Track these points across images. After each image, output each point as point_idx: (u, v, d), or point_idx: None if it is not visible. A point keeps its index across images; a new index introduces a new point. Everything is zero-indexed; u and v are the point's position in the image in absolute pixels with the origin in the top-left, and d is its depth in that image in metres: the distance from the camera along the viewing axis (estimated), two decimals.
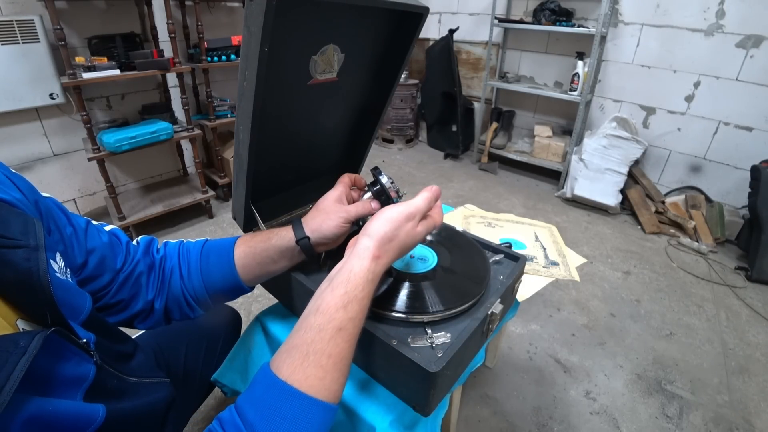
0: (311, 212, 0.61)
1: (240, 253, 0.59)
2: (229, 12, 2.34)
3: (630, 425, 1.14)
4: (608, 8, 2.24)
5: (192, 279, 0.58)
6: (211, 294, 0.59)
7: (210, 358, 0.79)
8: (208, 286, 0.59)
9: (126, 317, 0.55)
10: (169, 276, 0.58)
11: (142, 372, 0.49)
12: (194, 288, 0.58)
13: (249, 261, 0.59)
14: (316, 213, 0.60)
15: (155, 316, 0.58)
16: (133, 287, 0.55)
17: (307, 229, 0.59)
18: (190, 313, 0.60)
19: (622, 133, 2.28)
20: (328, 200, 0.61)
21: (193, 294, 0.59)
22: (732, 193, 2.21)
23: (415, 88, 3.18)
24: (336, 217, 0.58)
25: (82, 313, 0.42)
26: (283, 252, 0.59)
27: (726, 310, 1.62)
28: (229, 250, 0.59)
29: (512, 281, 0.69)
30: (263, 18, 0.43)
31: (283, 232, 0.59)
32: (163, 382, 0.53)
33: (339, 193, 0.62)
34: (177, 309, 0.59)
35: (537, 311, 1.55)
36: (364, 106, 0.79)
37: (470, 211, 1.27)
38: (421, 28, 0.66)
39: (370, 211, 0.61)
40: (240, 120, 0.55)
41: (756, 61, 1.98)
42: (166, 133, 1.83)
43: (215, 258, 0.59)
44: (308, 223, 0.60)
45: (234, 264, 0.58)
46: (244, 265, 0.59)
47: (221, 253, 0.59)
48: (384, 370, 0.59)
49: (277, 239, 0.59)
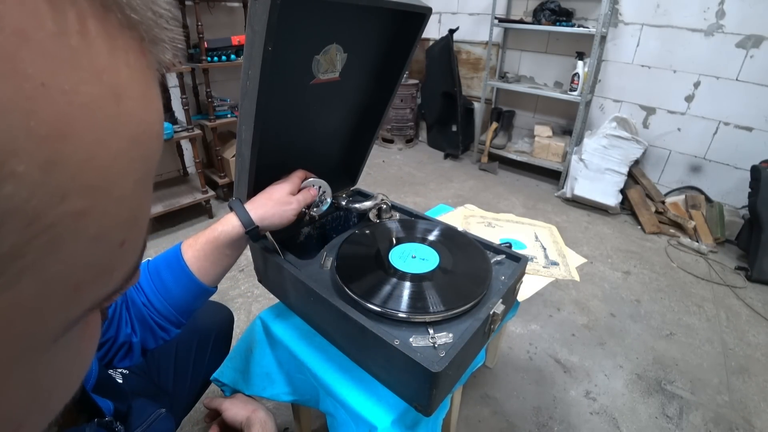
0: (261, 199, 0.63)
1: (190, 258, 0.57)
2: (229, 12, 2.34)
3: (630, 425, 1.14)
4: (608, 8, 2.25)
5: (152, 302, 0.56)
6: (178, 310, 0.58)
7: (201, 357, 0.79)
8: (171, 303, 0.57)
9: (111, 357, 0.54)
10: (133, 304, 0.56)
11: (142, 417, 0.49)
12: (158, 310, 0.56)
13: (202, 263, 0.57)
14: (269, 202, 0.62)
15: (135, 351, 0.56)
16: (117, 321, 0.53)
17: (254, 215, 0.60)
18: (166, 336, 0.59)
19: (622, 133, 2.29)
20: (282, 191, 0.64)
21: (161, 315, 0.57)
22: (732, 193, 2.21)
23: (415, 88, 3.18)
24: (290, 209, 0.63)
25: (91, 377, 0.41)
26: (233, 243, 0.59)
27: (726, 310, 1.62)
28: (179, 260, 0.57)
29: (514, 282, 0.69)
30: (267, 17, 0.43)
31: (227, 224, 0.59)
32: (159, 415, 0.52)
33: (293, 186, 0.66)
34: (151, 337, 0.57)
35: (537, 311, 1.55)
36: (365, 106, 0.79)
37: (470, 211, 1.27)
38: (423, 29, 0.66)
39: (313, 197, 0.69)
40: (242, 119, 0.55)
41: (756, 61, 1.99)
42: (166, 133, 1.83)
43: (167, 273, 0.57)
44: (256, 209, 0.60)
45: (189, 271, 0.57)
46: (199, 268, 0.57)
47: (172, 266, 0.57)
48: (386, 369, 0.59)
49: (224, 233, 0.58)
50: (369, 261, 0.69)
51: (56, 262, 0.12)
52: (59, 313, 0.13)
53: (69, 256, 0.12)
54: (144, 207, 0.16)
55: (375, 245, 0.73)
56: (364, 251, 0.72)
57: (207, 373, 0.80)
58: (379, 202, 0.81)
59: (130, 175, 0.14)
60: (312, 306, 0.66)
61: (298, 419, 0.93)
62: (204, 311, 0.82)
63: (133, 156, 0.13)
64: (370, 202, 0.80)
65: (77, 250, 0.12)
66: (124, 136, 0.13)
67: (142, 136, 0.14)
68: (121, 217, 0.14)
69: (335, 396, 0.62)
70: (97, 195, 0.12)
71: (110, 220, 0.13)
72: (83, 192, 0.12)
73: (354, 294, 0.61)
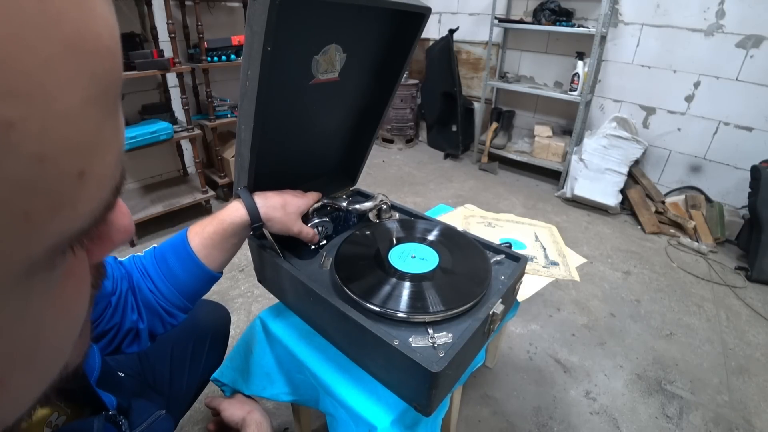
0: (274, 199, 0.63)
1: (197, 245, 0.57)
2: (229, 12, 2.34)
3: (630, 425, 1.14)
4: (608, 8, 2.24)
5: (159, 288, 0.56)
6: (185, 295, 0.58)
7: (198, 356, 0.79)
8: (179, 289, 0.57)
9: (116, 344, 0.54)
10: (139, 291, 0.56)
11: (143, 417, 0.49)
12: (166, 296, 0.57)
13: (210, 251, 0.58)
14: (280, 210, 0.63)
15: (142, 337, 0.56)
16: (123, 309, 0.53)
17: (262, 213, 0.61)
18: (174, 321, 0.59)
19: (622, 133, 2.28)
20: (296, 206, 0.66)
21: (168, 301, 0.57)
22: (732, 193, 2.21)
23: (415, 88, 3.18)
24: (293, 226, 0.65)
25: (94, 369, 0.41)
26: (239, 231, 0.60)
27: (726, 310, 1.62)
28: (185, 246, 0.57)
29: (513, 281, 0.69)
30: (266, 17, 0.43)
31: (234, 213, 0.59)
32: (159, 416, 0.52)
33: (307, 206, 0.68)
34: (159, 322, 0.57)
35: (537, 311, 1.55)
36: (365, 106, 0.79)
37: (470, 211, 1.27)
38: (423, 29, 0.66)
39: (311, 239, 0.69)
40: (242, 119, 0.55)
41: (756, 61, 1.99)
42: (166, 133, 1.83)
43: (174, 259, 0.57)
44: (267, 210, 0.61)
45: (196, 257, 0.57)
46: (207, 255, 0.58)
47: (179, 252, 0.57)
48: (385, 369, 0.59)
49: (230, 222, 0.59)
50: (369, 261, 0.69)
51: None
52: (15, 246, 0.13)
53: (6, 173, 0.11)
54: (105, 135, 0.15)
55: (375, 245, 0.73)
56: (363, 251, 0.72)
57: (204, 372, 0.80)
58: (379, 202, 0.81)
59: (75, 90, 0.13)
60: (311, 306, 0.66)
61: (298, 419, 0.93)
62: (200, 311, 0.82)
63: (75, 68, 0.12)
64: (370, 203, 0.80)
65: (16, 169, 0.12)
66: (55, 39, 0.12)
67: (83, 44, 0.13)
68: (71, 140, 0.13)
69: (335, 396, 0.62)
70: (28, 105, 0.11)
71: (55, 141, 0.12)
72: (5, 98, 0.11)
73: (353, 294, 0.61)
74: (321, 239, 0.73)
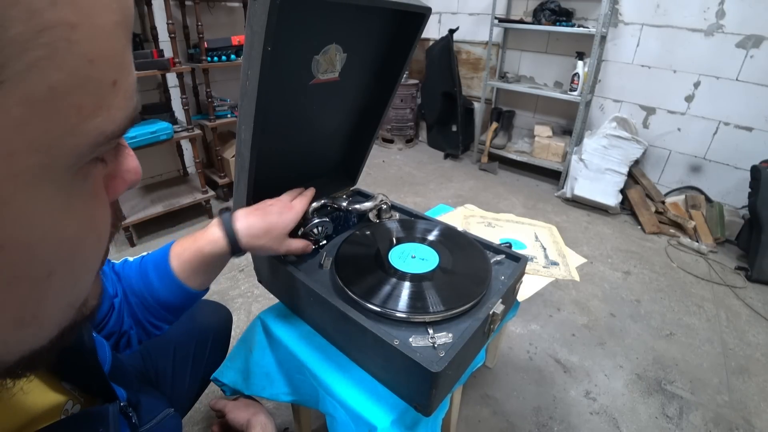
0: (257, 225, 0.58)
1: (177, 267, 0.56)
2: (229, 12, 2.34)
3: (630, 425, 1.14)
4: (608, 8, 2.24)
5: (142, 301, 0.56)
6: (167, 310, 0.57)
7: (200, 357, 0.79)
8: (160, 304, 0.56)
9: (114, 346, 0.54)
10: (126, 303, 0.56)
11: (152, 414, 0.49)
12: (148, 309, 0.56)
13: (189, 274, 0.56)
14: (264, 238, 0.59)
15: (132, 341, 0.56)
16: (122, 315, 0.53)
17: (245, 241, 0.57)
18: (157, 332, 0.58)
19: (622, 133, 2.29)
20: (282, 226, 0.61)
21: (150, 314, 0.56)
22: (732, 193, 2.21)
23: (415, 88, 3.18)
24: (279, 248, 0.62)
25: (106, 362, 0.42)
26: (218, 260, 0.58)
27: (726, 310, 1.62)
28: (166, 266, 0.56)
29: (513, 282, 0.69)
30: (266, 17, 0.43)
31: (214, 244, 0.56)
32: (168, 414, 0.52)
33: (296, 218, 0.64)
34: (143, 332, 0.57)
35: (537, 311, 1.55)
36: (365, 106, 0.79)
37: (470, 211, 1.27)
38: (423, 29, 0.66)
39: (304, 251, 0.66)
40: (242, 119, 0.55)
41: (756, 61, 1.99)
42: (166, 133, 1.83)
43: (155, 275, 0.56)
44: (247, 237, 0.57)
45: (176, 278, 0.56)
46: (187, 278, 0.56)
47: (159, 270, 0.56)
48: (385, 369, 0.59)
49: (209, 252, 0.56)
50: (369, 261, 0.69)
51: (57, 69, 0.14)
52: (68, 135, 0.15)
53: (68, 66, 0.14)
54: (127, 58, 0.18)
55: (375, 245, 0.73)
56: (363, 251, 0.72)
57: (206, 372, 0.80)
58: (379, 202, 0.81)
59: (109, 12, 0.16)
60: (312, 306, 0.66)
61: (298, 419, 0.93)
62: (202, 311, 0.82)
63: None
64: (370, 203, 0.80)
65: (75, 65, 0.15)
66: None
67: None
68: (108, 51, 0.16)
69: (335, 396, 0.62)
70: (83, 14, 0.14)
71: (99, 48, 0.15)
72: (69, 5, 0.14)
73: (354, 294, 0.61)
74: (321, 239, 0.72)
